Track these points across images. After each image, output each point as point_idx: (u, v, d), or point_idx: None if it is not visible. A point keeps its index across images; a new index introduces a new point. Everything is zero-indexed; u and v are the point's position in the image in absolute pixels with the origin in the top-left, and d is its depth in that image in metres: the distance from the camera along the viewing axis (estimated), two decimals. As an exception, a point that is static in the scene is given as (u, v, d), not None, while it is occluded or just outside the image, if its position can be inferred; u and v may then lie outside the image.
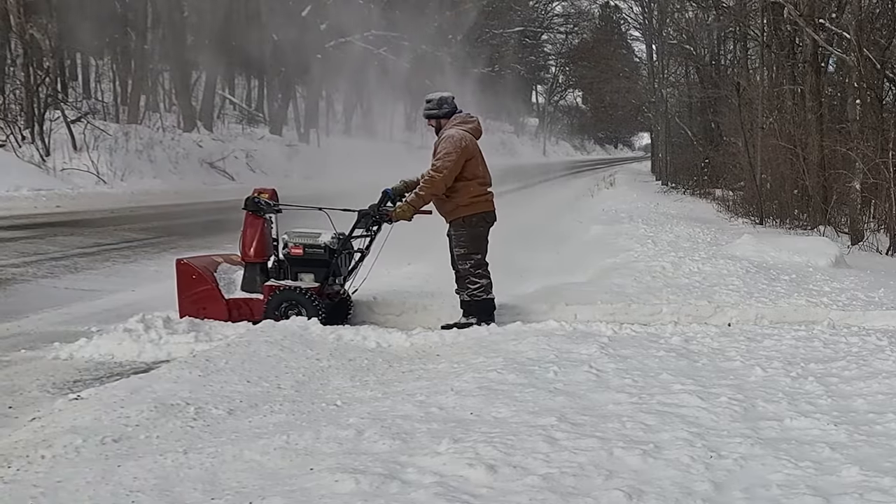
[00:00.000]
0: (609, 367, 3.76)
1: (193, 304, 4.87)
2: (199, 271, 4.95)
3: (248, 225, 5.05)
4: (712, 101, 20.76)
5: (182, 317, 4.81)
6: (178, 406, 3.22)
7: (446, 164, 4.85)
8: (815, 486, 2.44)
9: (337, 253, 5.03)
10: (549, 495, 2.35)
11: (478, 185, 4.99)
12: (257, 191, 5.14)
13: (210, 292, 4.90)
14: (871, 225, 11.10)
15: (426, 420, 3.02)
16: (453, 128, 5.01)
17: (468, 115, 5.15)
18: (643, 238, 9.44)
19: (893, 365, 3.83)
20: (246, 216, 5.07)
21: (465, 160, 4.91)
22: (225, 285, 5.00)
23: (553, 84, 55.61)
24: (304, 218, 5.26)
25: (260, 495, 2.37)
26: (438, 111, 5.09)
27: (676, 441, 2.79)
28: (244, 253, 5.05)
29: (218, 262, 5.18)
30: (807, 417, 3.08)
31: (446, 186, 4.90)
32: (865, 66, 10.88)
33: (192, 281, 4.90)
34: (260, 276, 5.01)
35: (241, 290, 5.01)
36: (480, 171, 5.03)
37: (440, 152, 4.92)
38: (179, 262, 4.99)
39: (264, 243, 5.05)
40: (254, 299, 4.94)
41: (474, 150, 5.02)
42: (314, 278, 4.97)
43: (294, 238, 5.02)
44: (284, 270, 5.06)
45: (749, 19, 16.60)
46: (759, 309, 5.32)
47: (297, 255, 4.99)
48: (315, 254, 4.97)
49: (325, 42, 25.22)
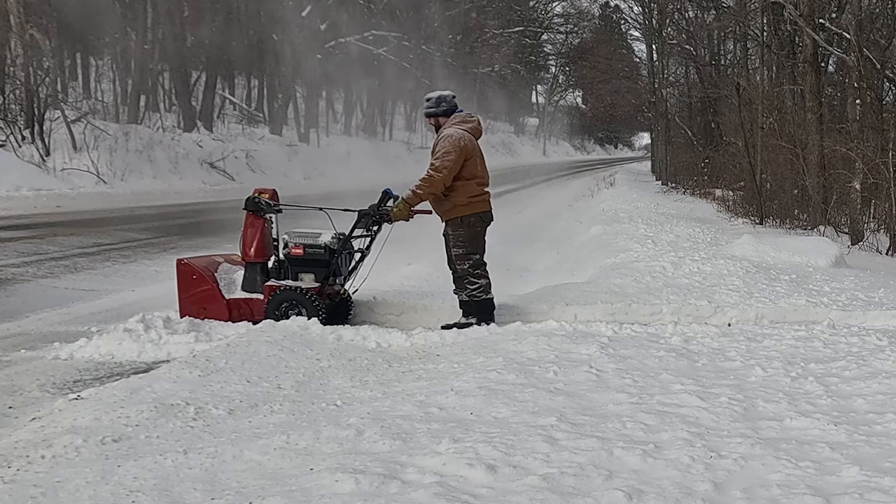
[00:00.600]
0: (609, 367, 3.76)
1: (194, 304, 4.88)
2: (200, 271, 4.95)
3: (248, 225, 5.06)
4: (712, 101, 20.76)
5: (182, 317, 4.81)
6: (178, 406, 3.22)
7: (445, 163, 4.84)
8: (815, 486, 2.44)
9: (337, 253, 5.03)
10: (549, 495, 2.35)
11: (476, 185, 4.99)
12: (258, 191, 5.15)
13: (210, 292, 4.91)
14: (871, 225, 11.10)
15: (426, 420, 3.02)
16: (452, 127, 5.00)
17: (468, 115, 5.14)
18: (643, 238, 9.44)
19: (893, 365, 3.83)
20: (246, 216, 5.08)
21: (463, 160, 4.91)
22: (225, 285, 5.01)
23: (553, 84, 55.64)
24: (304, 218, 5.26)
25: (260, 495, 2.37)
26: (437, 109, 5.08)
27: (676, 441, 2.80)
28: (244, 253, 5.06)
29: (218, 262, 5.19)
30: (807, 417, 3.08)
31: (445, 186, 4.89)
32: (865, 66, 10.88)
33: (193, 281, 4.91)
34: (260, 276, 5.02)
35: (241, 290, 5.02)
36: (479, 171, 5.02)
37: (439, 151, 4.91)
38: (180, 262, 5.00)
39: (265, 243, 5.06)
40: (254, 299, 4.95)
41: (473, 149, 5.00)
42: (314, 278, 4.97)
43: (294, 238, 5.03)
44: (285, 270, 5.07)
45: (749, 19, 16.60)
46: (759, 309, 5.31)
47: (297, 255, 4.99)
48: (315, 254, 4.98)
49: (326, 42, 25.24)
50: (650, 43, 27.93)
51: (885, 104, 11.97)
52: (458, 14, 34.77)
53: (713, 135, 21.27)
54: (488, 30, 38.16)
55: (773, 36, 14.85)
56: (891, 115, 11.37)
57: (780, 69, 15.31)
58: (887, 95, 12.40)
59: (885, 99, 12.03)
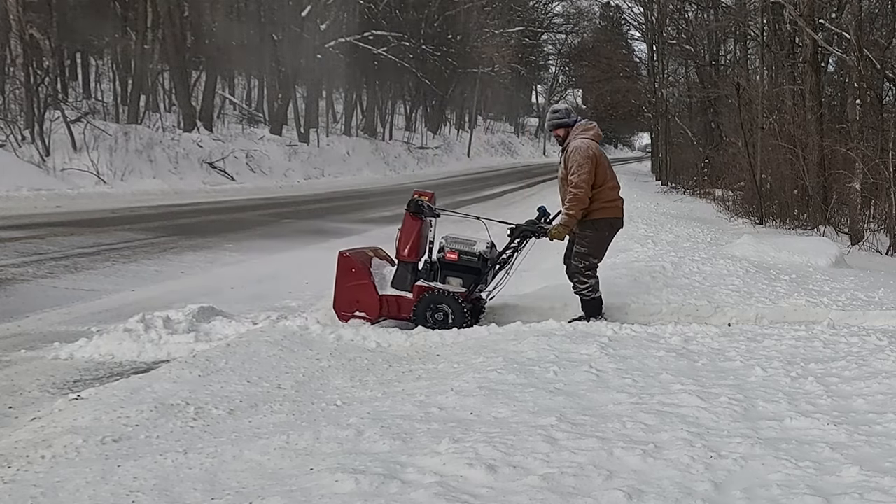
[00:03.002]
0: (609, 367, 3.76)
1: (349, 296, 4.97)
2: (360, 265, 5.04)
3: (406, 225, 5.14)
4: (712, 101, 20.76)
5: (336, 308, 4.94)
6: (178, 406, 3.22)
7: (582, 177, 5.03)
8: (815, 486, 2.44)
9: (490, 263, 5.16)
10: (549, 495, 2.35)
11: (609, 189, 5.17)
12: (417, 193, 5.25)
13: (366, 287, 4.99)
14: (871, 225, 11.12)
15: (426, 420, 3.02)
16: (577, 139, 5.19)
17: (588, 122, 5.34)
18: (643, 238, 9.44)
19: (893, 365, 3.83)
20: (406, 216, 5.16)
21: (595, 167, 5.08)
22: (378, 281, 5.08)
23: (553, 84, 55.65)
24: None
25: (260, 495, 2.37)
26: (568, 119, 5.28)
27: (676, 441, 2.80)
28: (399, 252, 5.14)
29: (370, 257, 5.25)
30: (807, 417, 3.08)
31: (589, 197, 5.07)
32: (865, 66, 10.89)
33: (352, 274, 5.00)
34: (411, 275, 5.11)
35: (391, 286, 5.09)
36: (609, 175, 5.21)
37: (572, 166, 5.09)
38: (342, 254, 5.08)
39: (420, 244, 5.16)
40: (403, 297, 5.03)
41: (600, 155, 5.20)
42: (462, 283, 5.08)
43: (451, 243, 5.16)
44: (434, 272, 5.15)
45: (749, 19, 16.61)
46: (759, 309, 5.32)
47: (451, 259, 5.11)
48: (469, 261, 5.11)
49: (326, 42, 25.25)
50: (650, 43, 27.95)
51: (885, 104, 11.98)
52: (459, 14, 34.79)
53: (713, 135, 21.28)
54: (488, 30, 38.18)
55: (773, 36, 14.86)
56: (891, 116, 11.38)
57: (780, 69, 15.31)
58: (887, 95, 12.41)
59: (885, 99, 12.04)
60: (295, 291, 6.35)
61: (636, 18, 31.60)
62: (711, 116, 21.57)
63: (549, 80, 56.07)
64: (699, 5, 22.08)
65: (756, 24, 16.11)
